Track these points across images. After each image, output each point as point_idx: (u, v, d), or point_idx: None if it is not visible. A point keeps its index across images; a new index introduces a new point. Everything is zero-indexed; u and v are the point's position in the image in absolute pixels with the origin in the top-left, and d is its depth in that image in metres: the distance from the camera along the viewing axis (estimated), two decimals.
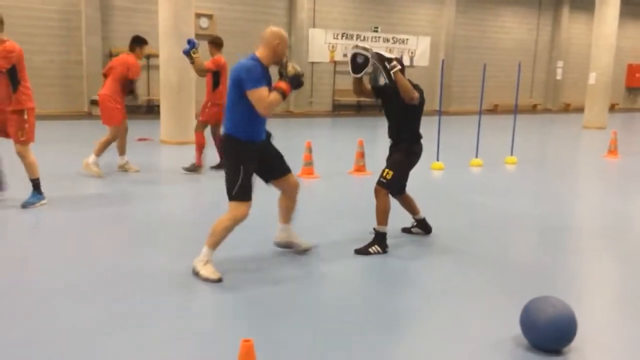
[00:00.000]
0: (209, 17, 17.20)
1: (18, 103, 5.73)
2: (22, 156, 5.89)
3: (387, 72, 4.76)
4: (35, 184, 6.00)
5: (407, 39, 21.35)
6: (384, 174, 4.88)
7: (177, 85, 10.92)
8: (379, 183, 4.88)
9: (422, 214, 5.48)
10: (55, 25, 15.26)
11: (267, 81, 4.12)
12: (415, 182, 8.33)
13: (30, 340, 3.17)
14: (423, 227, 5.48)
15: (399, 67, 4.76)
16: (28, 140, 5.88)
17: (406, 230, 5.51)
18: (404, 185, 5.30)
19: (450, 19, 22.19)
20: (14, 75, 5.65)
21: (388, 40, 20.89)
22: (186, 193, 7.18)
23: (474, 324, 3.60)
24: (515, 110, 10.69)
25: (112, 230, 5.46)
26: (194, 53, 7.05)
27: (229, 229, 4.17)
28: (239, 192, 4.15)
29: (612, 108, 24.78)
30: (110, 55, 15.82)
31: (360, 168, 8.62)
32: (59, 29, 15.24)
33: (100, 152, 7.55)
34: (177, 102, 11.02)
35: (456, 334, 3.44)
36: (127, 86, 7.70)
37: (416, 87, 4.91)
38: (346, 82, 20.43)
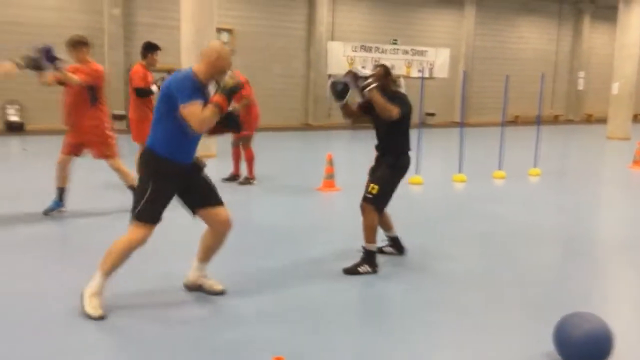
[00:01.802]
0: (229, 31, 17.33)
1: (94, 119, 6.12)
2: (115, 169, 6.32)
3: (361, 91, 4.60)
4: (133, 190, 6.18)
5: (426, 51, 21.30)
6: (370, 189, 4.64)
7: None
8: (365, 199, 4.64)
9: (396, 231, 5.12)
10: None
11: (202, 96, 3.74)
12: (437, 194, 8.33)
13: None
14: (396, 246, 5.14)
15: (374, 85, 4.54)
16: (115, 154, 6.28)
17: (378, 250, 4.93)
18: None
19: (469, 30, 22.12)
20: (93, 93, 6.08)
21: (407, 52, 20.87)
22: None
23: (503, 341, 3.52)
24: (538, 121, 10.57)
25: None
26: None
27: (126, 253, 3.72)
28: (142, 212, 3.70)
29: (636, 118, 24.43)
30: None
31: None
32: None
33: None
34: None
35: (487, 351, 3.37)
36: (143, 95, 7.39)
37: (401, 98, 4.74)
38: None
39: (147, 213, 3.72)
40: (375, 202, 4.62)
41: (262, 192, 7.95)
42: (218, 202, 3.99)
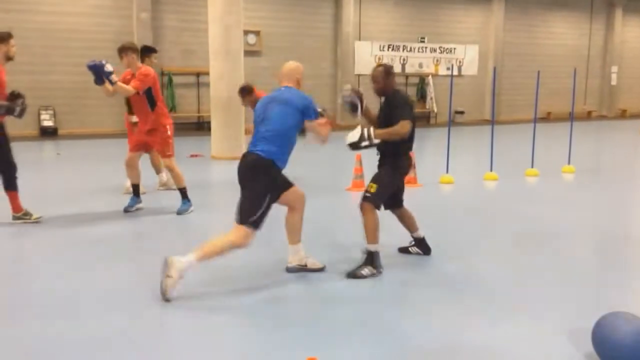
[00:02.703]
0: (257, 33, 17.43)
1: (155, 121, 6.41)
2: (170, 169, 6.54)
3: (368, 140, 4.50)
4: (183, 193, 6.55)
5: (454, 48, 21.11)
6: (368, 188, 4.60)
7: (227, 102, 11.05)
8: (364, 198, 4.58)
9: (422, 232, 5.05)
10: (111, 47, 15.68)
11: None
12: (468, 193, 8.22)
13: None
14: (422, 246, 5.05)
15: (372, 142, 4.48)
16: (171, 154, 6.51)
17: (403, 250, 5.10)
18: (401, 200, 4.97)
19: (498, 26, 21.84)
20: (150, 97, 6.33)
21: (435, 50, 20.71)
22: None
23: (542, 340, 3.45)
24: (572, 117, 10.37)
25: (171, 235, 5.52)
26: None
27: (224, 252, 4.01)
28: (257, 220, 4.04)
29: None
30: (162, 73, 16.21)
31: (411, 179, 8.49)
32: (113, 50, 15.68)
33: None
34: (227, 119, 11.17)
35: (524, 351, 3.31)
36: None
37: (404, 102, 4.68)
38: None
39: (260, 221, 4.04)
40: (374, 201, 4.56)
41: None
42: (291, 182, 4.39)
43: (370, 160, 5.07)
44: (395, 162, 4.71)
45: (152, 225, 6.21)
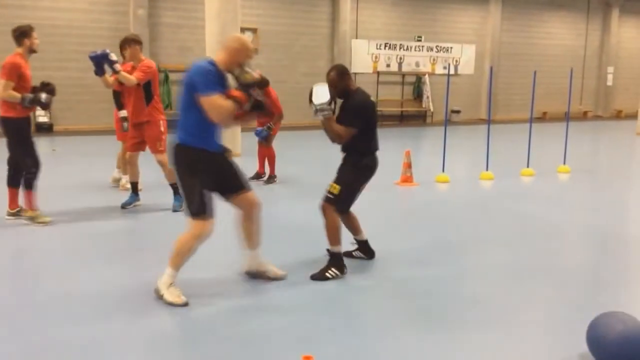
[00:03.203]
0: (254, 31, 17.38)
1: (150, 115, 6.42)
2: (162, 165, 6.48)
3: (315, 113, 4.30)
4: (176, 189, 6.40)
5: (451, 47, 21.11)
6: (331, 189, 4.39)
7: None
8: (326, 199, 4.38)
9: (365, 235, 4.86)
10: (106, 43, 15.61)
11: (222, 87, 3.80)
12: (464, 192, 8.23)
13: None
14: (365, 250, 4.88)
15: (322, 117, 4.27)
16: (165, 150, 6.37)
17: (347, 254, 4.76)
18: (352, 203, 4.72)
19: (495, 26, 21.85)
20: (148, 90, 6.37)
21: (432, 49, 20.71)
22: None
23: (536, 341, 3.46)
24: (567, 117, 10.39)
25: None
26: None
27: (193, 249, 3.83)
28: (200, 208, 3.79)
29: None
30: (159, 70, 16.13)
31: (407, 179, 8.50)
32: (109, 46, 15.63)
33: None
34: None
35: (519, 352, 3.31)
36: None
37: (358, 103, 4.46)
38: (389, 92, 20.32)
39: (202, 207, 3.79)
40: (336, 203, 4.38)
41: (289, 191, 7.96)
42: (247, 187, 4.13)
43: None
44: (360, 161, 4.52)
45: (147, 222, 6.20)
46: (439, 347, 3.35)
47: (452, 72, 20.38)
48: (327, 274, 4.32)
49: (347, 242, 4.80)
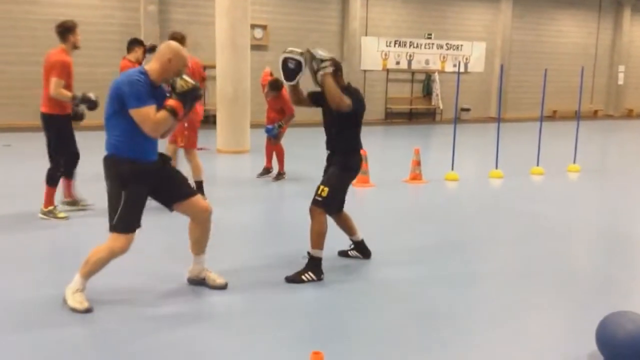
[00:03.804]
0: (263, 27, 17.40)
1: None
2: (187, 160, 6.70)
3: (314, 73, 4.23)
4: (199, 186, 6.52)
5: (461, 45, 21.02)
6: (319, 191, 4.30)
7: (233, 96, 11.06)
8: (314, 202, 4.30)
9: (360, 235, 4.81)
10: (117, 39, 15.71)
11: (154, 98, 3.61)
12: (473, 191, 8.21)
13: None
14: (361, 250, 4.83)
15: (330, 69, 4.21)
16: (187, 146, 6.70)
17: (343, 254, 4.85)
18: (342, 203, 4.69)
19: (506, 23, 21.74)
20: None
21: (442, 47, 20.63)
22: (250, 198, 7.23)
23: (545, 340, 3.45)
24: (578, 116, 10.33)
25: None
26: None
27: (104, 261, 3.66)
28: (119, 222, 3.61)
29: None
30: None
31: (416, 176, 8.49)
32: (119, 42, 15.68)
33: None
34: (232, 113, 11.17)
35: (528, 351, 3.31)
36: None
37: (353, 93, 4.38)
38: (398, 90, 20.28)
39: (125, 223, 3.62)
40: (325, 205, 4.31)
41: (298, 188, 7.97)
42: (192, 192, 3.95)
43: (374, 155, 5.04)
44: (347, 161, 4.44)
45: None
46: (446, 346, 3.35)
47: (462, 69, 20.29)
48: (303, 277, 4.24)
49: (345, 241, 4.81)
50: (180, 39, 6.43)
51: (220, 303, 3.90)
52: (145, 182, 3.69)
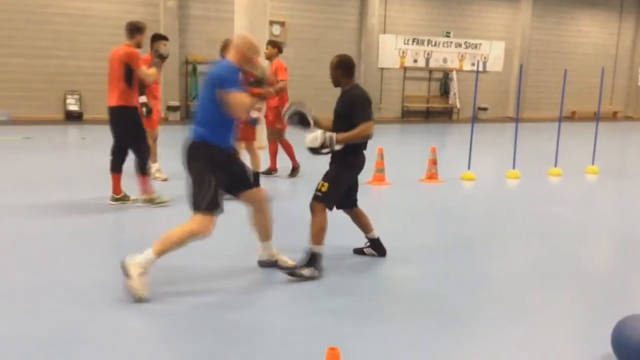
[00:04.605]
0: (281, 24, 17.43)
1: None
2: (247, 152, 7.04)
3: (328, 148, 4.30)
4: (256, 176, 6.71)
5: (480, 44, 20.90)
6: (319, 187, 4.33)
7: None
8: (314, 197, 4.32)
9: (376, 232, 4.80)
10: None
11: (240, 85, 3.99)
12: (489, 191, 8.18)
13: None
14: (376, 247, 4.82)
15: (333, 137, 4.26)
16: (247, 139, 6.99)
17: (358, 251, 4.87)
18: (354, 199, 4.71)
19: (525, 23, 21.56)
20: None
21: (460, 45, 20.52)
22: None
23: (559, 342, 3.44)
24: (597, 117, 10.23)
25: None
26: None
27: (182, 242, 3.79)
28: (210, 204, 3.80)
29: None
30: (187, 62, 16.30)
31: (432, 175, 8.47)
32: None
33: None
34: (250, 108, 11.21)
35: (544, 353, 3.30)
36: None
37: (360, 99, 4.38)
38: (415, 88, 20.22)
39: (213, 204, 3.83)
40: (325, 200, 4.32)
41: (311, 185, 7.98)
42: (255, 184, 4.31)
43: (391, 153, 5.03)
44: (346, 159, 4.44)
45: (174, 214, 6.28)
46: (460, 343, 3.35)
47: (480, 68, 20.17)
48: (302, 272, 4.21)
49: (361, 238, 4.83)
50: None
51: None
52: (227, 167, 3.99)
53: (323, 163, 4.66)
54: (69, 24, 15.03)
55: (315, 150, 4.33)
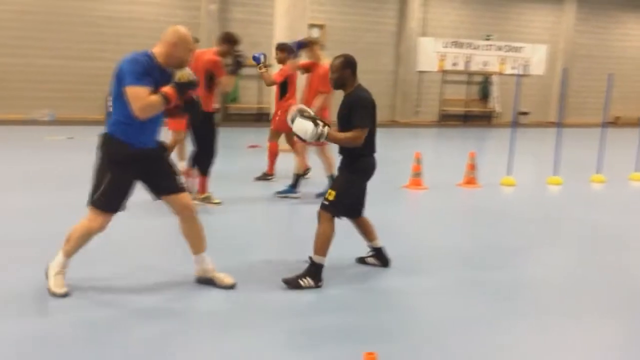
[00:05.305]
0: (321, 27, 17.47)
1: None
2: (320, 156, 7.11)
3: (317, 140, 4.12)
4: (296, 178, 7.10)
5: (521, 47, 20.54)
6: (327, 195, 4.17)
7: None
8: (321, 206, 4.16)
9: (380, 241, 4.62)
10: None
11: (153, 80, 3.59)
12: (530, 197, 8.02)
13: None
14: (380, 257, 4.63)
15: (325, 132, 4.08)
16: (320, 144, 6.67)
17: (360, 261, 4.67)
18: (360, 208, 4.51)
19: (569, 26, 21.12)
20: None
21: (501, 48, 20.21)
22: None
23: (595, 355, 3.35)
24: None
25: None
26: (260, 69, 7.00)
27: (81, 240, 3.72)
28: (99, 199, 3.65)
29: None
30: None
31: (470, 180, 8.36)
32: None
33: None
34: None
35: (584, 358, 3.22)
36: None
37: (362, 101, 4.19)
38: (454, 91, 20.00)
39: (104, 202, 3.66)
40: (332, 209, 4.12)
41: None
42: (179, 188, 3.89)
43: (428, 157, 4.98)
44: (355, 164, 4.27)
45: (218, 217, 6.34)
46: (499, 348, 3.29)
47: (522, 72, 19.83)
48: (300, 282, 4.06)
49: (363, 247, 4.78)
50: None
51: (210, 301, 3.85)
52: (134, 168, 3.71)
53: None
54: (112, 26, 15.37)
55: (303, 139, 4.18)
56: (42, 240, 4.59)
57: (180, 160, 8.15)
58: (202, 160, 6.37)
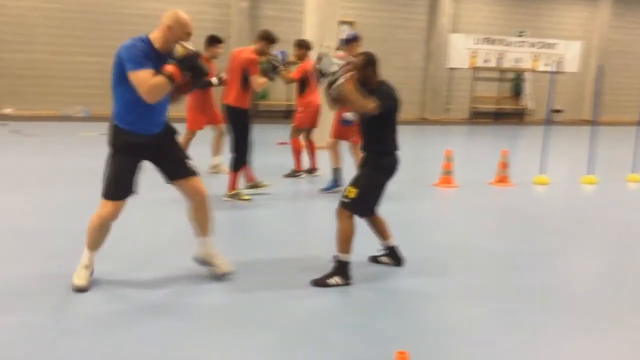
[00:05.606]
0: (350, 24, 17.42)
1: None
2: (352, 154, 7.05)
3: (328, 87, 4.04)
4: (335, 172, 7.19)
5: (555, 44, 20.18)
6: (346, 193, 4.08)
7: None
8: (341, 203, 4.09)
9: (393, 240, 4.52)
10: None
11: (154, 64, 3.58)
12: (563, 196, 7.88)
13: None
14: (393, 256, 4.53)
15: (342, 80, 3.97)
16: (355, 141, 6.72)
17: (373, 260, 4.58)
18: (375, 207, 4.40)
19: (604, 22, 20.68)
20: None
21: (534, 45, 19.88)
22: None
23: (634, 352, 3.28)
24: None
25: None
26: (279, 71, 6.79)
27: (97, 229, 3.76)
28: (107, 188, 3.72)
29: None
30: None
31: (502, 179, 8.25)
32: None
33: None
34: None
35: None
36: (202, 86, 7.43)
37: (385, 91, 4.12)
38: (485, 88, 19.76)
39: (112, 190, 3.72)
40: (352, 208, 4.06)
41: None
42: (190, 173, 3.91)
43: (458, 155, 4.92)
44: (377, 162, 4.19)
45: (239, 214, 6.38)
46: (532, 351, 3.25)
47: (555, 69, 19.50)
48: (329, 282, 4.03)
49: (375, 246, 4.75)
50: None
51: (215, 299, 3.81)
52: (139, 154, 3.75)
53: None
54: (146, 24, 15.38)
55: (322, 72, 4.07)
56: (74, 234, 4.67)
57: (213, 156, 8.26)
58: (234, 156, 6.42)
